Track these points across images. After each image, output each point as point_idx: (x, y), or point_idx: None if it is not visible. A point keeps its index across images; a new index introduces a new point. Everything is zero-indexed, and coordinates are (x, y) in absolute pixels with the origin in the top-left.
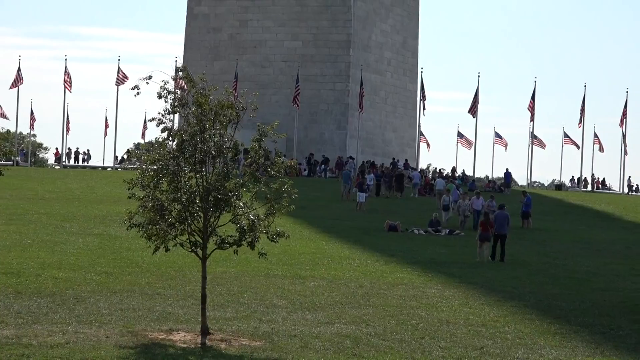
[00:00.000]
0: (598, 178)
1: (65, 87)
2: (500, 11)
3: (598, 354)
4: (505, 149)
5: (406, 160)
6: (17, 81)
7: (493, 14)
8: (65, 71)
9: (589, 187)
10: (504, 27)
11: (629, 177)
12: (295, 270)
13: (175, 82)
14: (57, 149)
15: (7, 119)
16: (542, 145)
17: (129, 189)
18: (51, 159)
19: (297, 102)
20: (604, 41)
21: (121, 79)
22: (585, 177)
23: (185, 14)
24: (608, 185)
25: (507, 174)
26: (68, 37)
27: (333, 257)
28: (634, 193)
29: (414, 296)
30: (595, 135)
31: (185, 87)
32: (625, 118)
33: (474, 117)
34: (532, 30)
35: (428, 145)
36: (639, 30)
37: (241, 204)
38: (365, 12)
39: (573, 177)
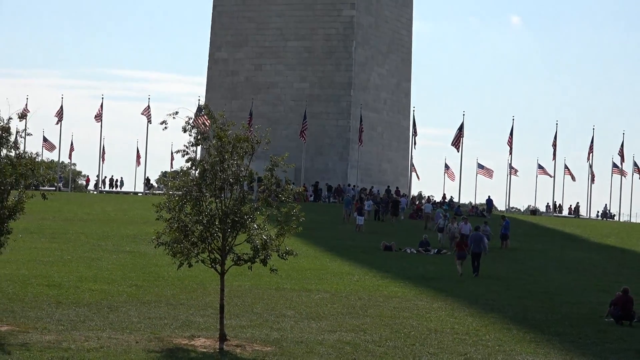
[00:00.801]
0: (571, 205)
1: (99, 120)
2: (483, 57)
3: (566, 358)
4: (491, 177)
5: (397, 188)
6: (60, 116)
7: (477, 60)
8: (101, 107)
9: (565, 212)
10: (486, 71)
11: (605, 204)
12: (302, 284)
13: (198, 119)
14: (87, 176)
15: (47, 150)
16: (518, 175)
17: (157, 212)
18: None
19: (304, 136)
20: (574, 85)
21: (149, 115)
22: (560, 204)
23: (208, 59)
24: (579, 211)
25: (489, 201)
26: (105, 78)
27: (335, 273)
28: (602, 219)
29: (406, 308)
30: (566, 167)
31: (207, 122)
32: (592, 151)
33: (458, 151)
34: (511, 74)
35: (417, 176)
36: (603, 75)
37: (255, 225)
38: (365, 57)
39: (548, 203)
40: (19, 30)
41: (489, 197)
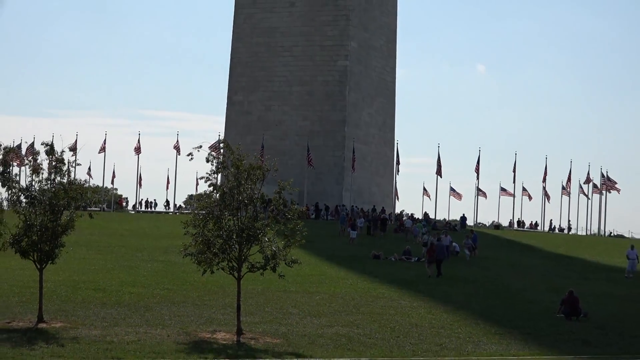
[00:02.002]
0: (532, 221)
1: (138, 153)
2: (454, 98)
3: (526, 349)
4: (460, 199)
5: (382, 207)
6: (104, 149)
7: (450, 100)
8: (139, 142)
9: (526, 227)
10: (457, 109)
11: (551, 219)
12: (305, 287)
13: (218, 151)
14: (121, 197)
15: (92, 177)
16: (484, 195)
17: (184, 228)
18: (129, 206)
19: (312, 164)
20: (530, 120)
21: (178, 148)
22: (523, 220)
23: (226, 101)
24: (537, 227)
25: (463, 218)
26: (141, 118)
27: (333, 278)
28: (554, 232)
29: (391, 306)
30: (524, 189)
31: (225, 154)
32: (546, 176)
33: (441, 177)
34: (478, 112)
35: (398, 197)
36: (554, 112)
37: (266, 239)
38: (356, 99)
39: (511, 220)
40: (69, 77)
41: (463, 215)
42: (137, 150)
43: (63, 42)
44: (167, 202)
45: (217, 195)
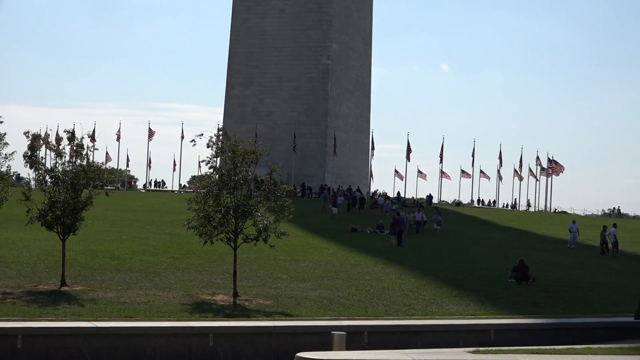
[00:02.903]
0: (490, 199)
1: (148, 140)
2: (422, 93)
3: (482, 309)
4: (426, 179)
5: (358, 187)
6: (119, 136)
7: (418, 95)
8: (149, 130)
9: (484, 205)
10: (424, 103)
11: (515, 198)
12: (292, 256)
13: (217, 138)
14: (132, 177)
15: (111, 159)
16: (447, 177)
17: (188, 204)
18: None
19: (295, 150)
20: (487, 112)
21: (182, 135)
22: (482, 199)
23: (225, 95)
24: (495, 204)
25: (429, 197)
26: (151, 109)
27: (316, 248)
28: (512, 209)
29: (366, 272)
30: (482, 172)
31: (224, 141)
32: (501, 160)
33: (409, 161)
34: (442, 105)
35: (373, 178)
36: (510, 105)
37: (259, 214)
38: (337, 94)
39: (471, 198)
40: (88, 73)
41: (429, 194)
42: (150, 136)
43: (83, 43)
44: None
45: (217, 176)
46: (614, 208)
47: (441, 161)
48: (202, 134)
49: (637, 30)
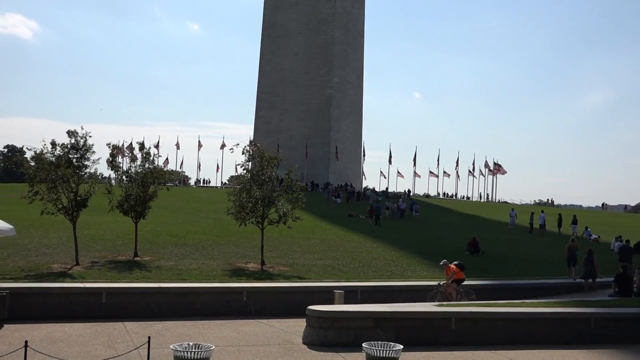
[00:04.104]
0: (450, 193)
1: (198, 149)
2: (400, 115)
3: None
4: (404, 178)
5: (351, 184)
6: (178, 147)
7: (397, 116)
8: (198, 142)
9: (448, 196)
10: (402, 122)
11: (481, 192)
12: (305, 234)
13: (249, 147)
14: (185, 177)
15: (168, 163)
16: (419, 176)
17: (227, 196)
18: (192, 183)
19: (307, 157)
20: (451, 128)
21: (223, 145)
22: (446, 192)
23: (255, 116)
24: (453, 196)
25: (408, 191)
26: (200, 127)
27: (322, 229)
28: (467, 199)
29: (359, 247)
30: (445, 172)
31: (252, 150)
32: (458, 163)
33: (391, 164)
34: (415, 123)
35: (365, 177)
36: (468, 121)
37: (280, 204)
38: (338, 115)
39: (438, 192)
40: (153, 99)
41: (408, 189)
42: (199, 146)
43: (151, 78)
44: (206, 180)
45: (249, 175)
46: (548, 199)
47: (414, 164)
48: (237, 144)
49: (561, 67)
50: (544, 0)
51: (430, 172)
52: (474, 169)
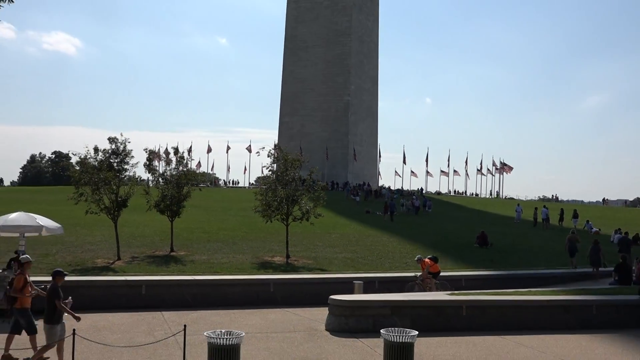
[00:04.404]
0: (460, 190)
1: (227, 152)
2: (412, 119)
3: (456, 265)
4: (417, 177)
5: (368, 183)
6: (209, 151)
7: (410, 120)
8: (227, 146)
9: (458, 193)
10: (415, 125)
11: (490, 190)
12: (326, 229)
13: (274, 151)
14: (216, 178)
15: (200, 166)
16: (431, 175)
17: (255, 196)
18: (221, 183)
19: (327, 158)
20: (462, 129)
21: (250, 149)
22: (456, 189)
23: (279, 122)
24: (466, 192)
25: (421, 189)
26: (229, 132)
27: (342, 224)
28: (475, 196)
29: (376, 241)
30: (455, 171)
31: (276, 153)
32: (467, 163)
33: (405, 164)
34: (427, 126)
35: (381, 177)
36: (475, 127)
37: (303, 202)
38: (355, 120)
39: (449, 190)
40: (186, 108)
41: (421, 187)
42: (228, 150)
43: (183, 89)
44: (226, 181)
45: (274, 176)
46: (553, 195)
47: (427, 164)
48: (263, 148)
49: (562, 73)
50: (544, 11)
51: (442, 171)
52: (482, 168)
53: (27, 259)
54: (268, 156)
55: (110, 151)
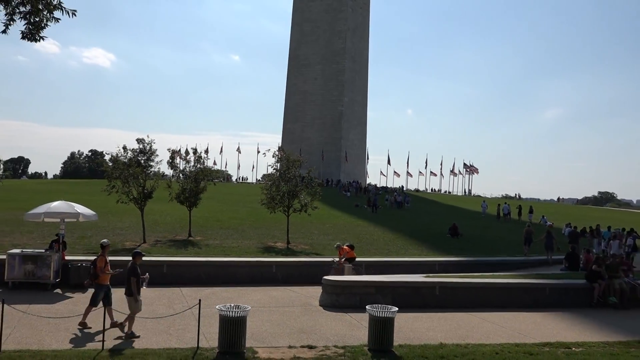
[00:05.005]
0: (435, 188)
1: (238, 153)
2: (395, 127)
3: (431, 253)
4: (399, 177)
5: (358, 181)
6: (222, 151)
7: (394, 129)
8: (238, 147)
9: (434, 191)
10: (397, 133)
11: (468, 188)
12: (321, 220)
13: (278, 152)
14: (229, 175)
15: (215, 164)
16: (411, 175)
17: (261, 190)
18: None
19: (323, 159)
20: (440, 136)
21: (258, 150)
22: (433, 188)
23: (282, 128)
24: (440, 190)
25: (402, 187)
26: (240, 136)
27: (334, 216)
28: (448, 193)
29: (363, 230)
30: (431, 172)
31: (280, 154)
32: (442, 165)
33: (390, 165)
34: (408, 134)
35: (368, 176)
36: (451, 133)
37: (302, 196)
38: (347, 127)
39: (426, 188)
40: (204, 115)
41: (402, 185)
42: (239, 150)
43: (199, 99)
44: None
45: (277, 174)
46: (516, 194)
47: (407, 166)
48: (269, 150)
49: (523, 89)
50: (508, 37)
51: (420, 172)
52: (454, 169)
53: (107, 243)
54: (273, 157)
55: (138, 150)
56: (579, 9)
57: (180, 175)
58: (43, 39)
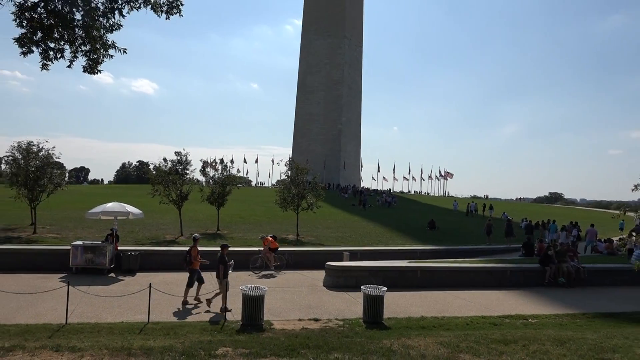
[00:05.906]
0: (417, 190)
1: (256, 163)
2: (386, 140)
3: (413, 243)
4: (388, 181)
5: (354, 185)
6: (244, 161)
7: (385, 139)
8: (257, 158)
9: (416, 193)
10: (387, 144)
11: (445, 190)
12: (324, 217)
13: (289, 162)
14: (249, 180)
15: (239, 171)
16: (396, 179)
17: (275, 193)
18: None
19: (325, 167)
20: (419, 147)
21: (272, 160)
22: (417, 190)
23: (292, 141)
24: (421, 192)
25: (389, 190)
26: (258, 149)
27: (336, 214)
28: (427, 194)
29: (359, 225)
30: (413, 177)
31: (292, 164)
32: (422, 171)
33: (379, 172)
34: (394, 146)
35: (362, 181)
36: (427, 142)
37: (308, 197)
38: (345, 141)
39: (409, 190)
40: (231, 130)
41: (389, 188)
42: (257, 161)
43: (226, 116)
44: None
45: (289, 180)
46: (484, 194)
47: (394, 172)
48: (282, 160)
49: (486, 109)
50: (474, 66)
51: (404, 177)
52: (432, 175)
53: (198, 237)
54: (285, 165)
55: (176, 161)
56: (531, 42)
57: (210, 181)
58: (100, 72)
